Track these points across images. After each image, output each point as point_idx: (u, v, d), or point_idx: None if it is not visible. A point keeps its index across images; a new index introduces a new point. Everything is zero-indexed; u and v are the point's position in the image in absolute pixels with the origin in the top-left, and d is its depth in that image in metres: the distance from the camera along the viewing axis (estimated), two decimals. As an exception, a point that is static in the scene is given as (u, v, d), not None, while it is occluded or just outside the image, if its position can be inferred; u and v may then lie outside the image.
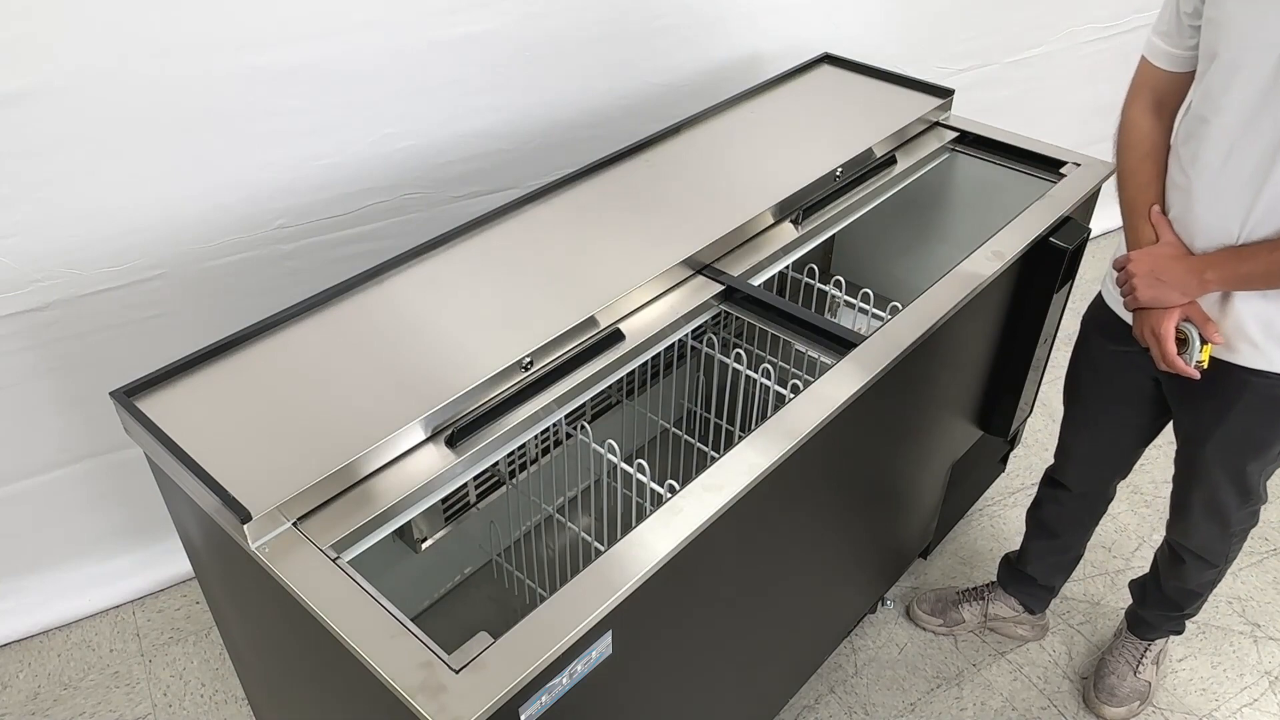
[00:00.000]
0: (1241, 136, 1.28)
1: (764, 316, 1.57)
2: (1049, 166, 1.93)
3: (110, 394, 1.31)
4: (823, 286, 1.93)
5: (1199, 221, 1.37)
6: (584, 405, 1.88)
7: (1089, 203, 1.86)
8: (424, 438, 1.30)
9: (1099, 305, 1.65)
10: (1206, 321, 1.40)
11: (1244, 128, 1.27)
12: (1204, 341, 1.41)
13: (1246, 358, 1.43)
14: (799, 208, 1.76)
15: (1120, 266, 1.46)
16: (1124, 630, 2.04)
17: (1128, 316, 1.54)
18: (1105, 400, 1.71)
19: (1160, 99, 1.45)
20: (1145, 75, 1.46)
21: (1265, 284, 1.32)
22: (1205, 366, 1.44)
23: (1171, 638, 2.06)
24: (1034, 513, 2.01)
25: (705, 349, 1.79)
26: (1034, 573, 2.03)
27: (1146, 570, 1.98)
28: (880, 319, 1.67)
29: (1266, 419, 1.46)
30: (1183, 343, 1.43)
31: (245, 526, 1.14)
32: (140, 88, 1.72)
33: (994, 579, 2.17)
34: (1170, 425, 1.69)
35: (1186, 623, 2.02)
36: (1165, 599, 1.91)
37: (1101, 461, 1.81)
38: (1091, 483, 1.85)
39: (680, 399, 2.15)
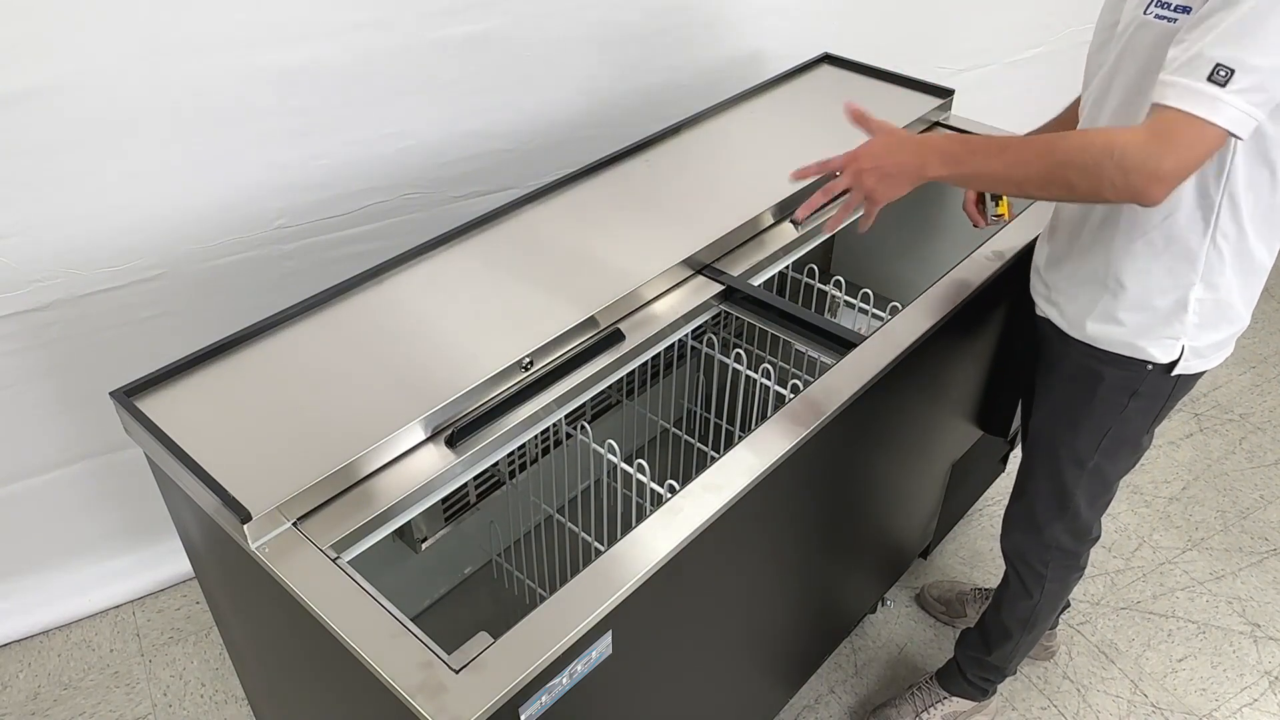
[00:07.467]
0: (1088, 95, 1.42)
1: (764, 316, 1.57)
2: (1049, 166, 1.92)
3: (110, 394, 1.31)
4: (823, 286, 1.93)
5: None
6: (584, 405, 1.87)
7: (1089, 203, 1.86)
8: (424, 438, 1.30)
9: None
10: None
11: (1088, 91, 1.41)
12: (998, 198, 1.60)
13: (1065, 323, 1.47)
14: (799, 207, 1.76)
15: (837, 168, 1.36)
16: (930, 675, 2.00)
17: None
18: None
19: None
20: None
21: (986, 187, 1.27)
22: (1005, 218, 1.66)
23: (969, 708, 1.95)
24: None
25: (705, 349, 1.79)
26: None
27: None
28: (880, 319, 1.67)
29: (1082, 393, 1.47)
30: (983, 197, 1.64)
31: (245, 526, 1.14)
32: (140, 87, 1.72)
33: (995, 584, 2.16)
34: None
35: (991, 689, 1.92)
36: (980, 632, 1.86)
37: None
38: None
39: (680, 399, 2.15)
